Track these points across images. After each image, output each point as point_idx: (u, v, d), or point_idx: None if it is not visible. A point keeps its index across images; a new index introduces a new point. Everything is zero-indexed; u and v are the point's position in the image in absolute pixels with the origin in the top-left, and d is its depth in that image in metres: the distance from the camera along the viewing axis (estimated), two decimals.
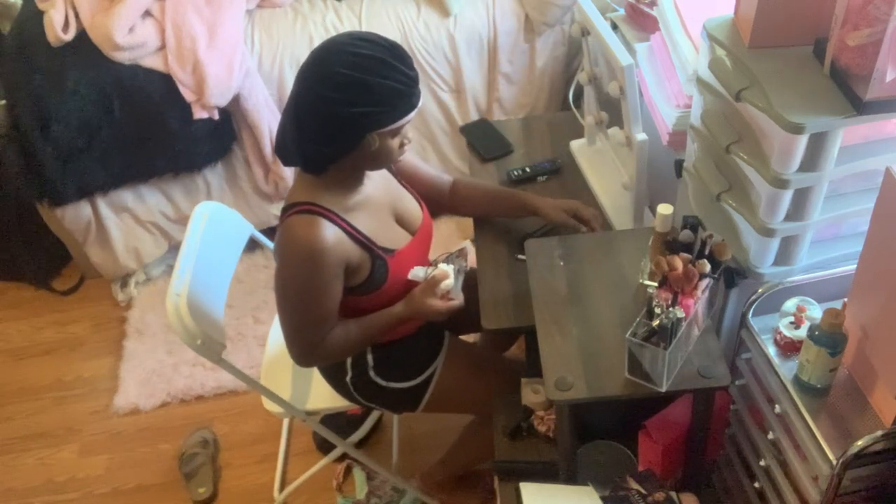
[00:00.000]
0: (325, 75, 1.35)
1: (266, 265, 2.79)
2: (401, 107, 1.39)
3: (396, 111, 1.38)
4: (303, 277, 1.47)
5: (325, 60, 1.37)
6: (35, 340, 2.72)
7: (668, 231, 1.47)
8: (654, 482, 1.47)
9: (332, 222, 1.46)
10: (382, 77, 1.35)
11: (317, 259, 1.44)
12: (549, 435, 1.68)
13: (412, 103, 1.40)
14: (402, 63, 1.37)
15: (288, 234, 1.46)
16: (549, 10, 2.57)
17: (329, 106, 1.36)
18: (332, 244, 1.44)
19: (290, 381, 1.89)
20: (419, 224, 1.66)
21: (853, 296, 1.30)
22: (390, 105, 1.37)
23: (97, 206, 2.60)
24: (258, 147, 2.60)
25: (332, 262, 1.46)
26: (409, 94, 1.39)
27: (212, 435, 2.33)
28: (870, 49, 1.21)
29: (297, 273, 1.47)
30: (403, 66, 1.37)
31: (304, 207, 1.46)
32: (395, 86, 1.36)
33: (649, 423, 1.55)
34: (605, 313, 1.48)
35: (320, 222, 1.44)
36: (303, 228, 1.44)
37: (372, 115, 1.37)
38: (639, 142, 1.70)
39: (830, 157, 1.30)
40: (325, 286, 1.48)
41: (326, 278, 1.47)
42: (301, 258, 1.45)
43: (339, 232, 1.47)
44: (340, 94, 1.34)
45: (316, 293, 1.48)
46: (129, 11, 2.42)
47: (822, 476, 1.24)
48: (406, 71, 1.37)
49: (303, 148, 1.43)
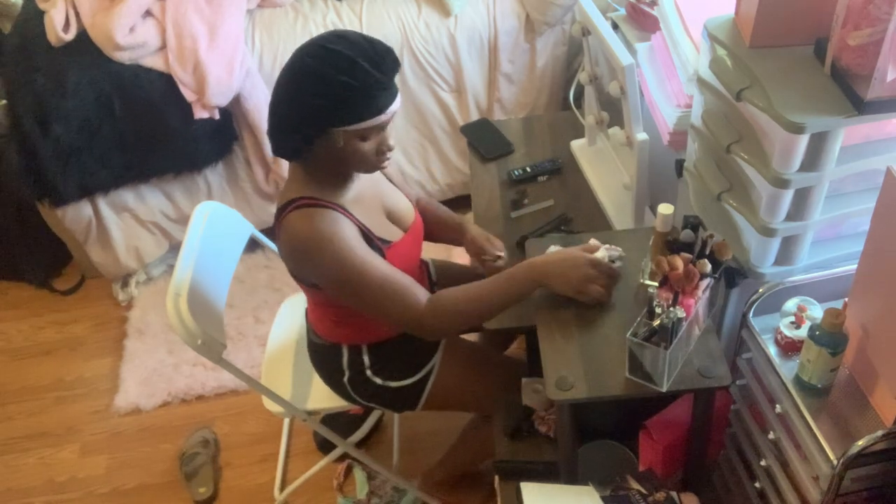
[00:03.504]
0: (293, 64, 1.39)
1: (267, 265, 2.79)
2: (360, 107, 1.36)
3: (355, 111, 1.36)
4: (346, 252, 1.43)
5: (299, 51, 1.40)
6: (36, 340, 2.72)
7: (669, 231, 1.47)
8: (654, 482, 1.47)
9: (335, 210, 1.46)
10: (344, 74, 1.33)
11: (338, 236, 1.43)
12: (550, 435, 1.68)
13: (375, 106, 1.36)
14: (373, 65, 1.34)
15: (294, 229, 1.45)
16: (549, 10, 2.57)
17: (291, 94, 1.39)
18: (340, 224, 1.45)
19: (291, 380, 1.89)
20: (411, 222, 1.66)
21: (854, 295, 1.30)
22: (348, 103, 1.35)
23: (98, 206, 2.60)
24: (259, 147, 2.60)
25: (348, 233, 1.45)
26: (371, 97, 1.35)
27: (212, 435, 2.33)
28: (871, 49, 1.21)
29: (331, 256, 1.43)
30: (373, 69, 1.34)
31: (303, 202, 1.46)
32: (353, 84, 1.34)
33: (650, 423, 1.55)
34: (606, 313, 1.48)
35: (324, 212, 1.45)
36: (309, 219, 1.44)
37: (327, 109, 1.36)
38: (639, 141, 1.70)
39: (831, 156, 1.30)
40: (364, 251, 1.45)
41: (357, 244, 1.45)
42: (317, 245, 1.43)
43: (342, 217, 1.47)
44: (301, 84, 1.37)
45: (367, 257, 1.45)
46: (130, 11, 2.42)
47: (822, 476, 1.24)
48: (373, 73, 1.34)
49: (274, 134, 1.45)
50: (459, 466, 2.06)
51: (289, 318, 2.05)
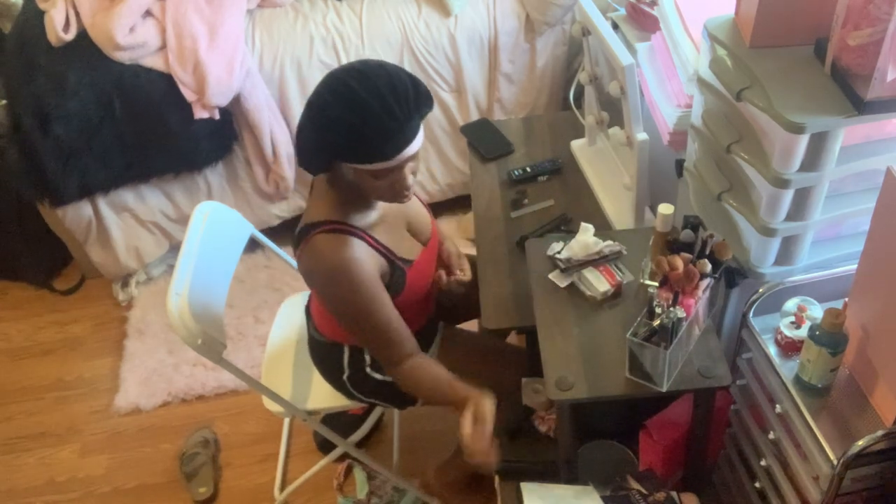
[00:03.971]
0: (316, 92, 1.38)
1: (267, 265, 2.79)
2: (368, 151, 1.35)
3: (363, 153, 1.36)
4: (357, 286, 1.47)
5: (323, 80, 1.39)
6: (36, 340, 2.72)
7: (669, 231, 1.47)
8: (654, 482, 1.47)
9: (359, 238, 1.48)
10: (354, 116, 1.32)
11: (356, 272, 1.45)
12: (550, 435, 1.68)
13: (383, 152, 1.35)
14: (385, 108, 1.31)
15: (319, 254, 1.46)
16: (549, 10, 2.57)
17: (308, 122, 1.39)
18: (365, 257, 1.47)
19: (291, 380, 1.89)
20: (429, 234, 1.68)
21: (854, 295, 1.30)
22: (355, 145, 1.35)
23: (98, 206, 2.60)
24: (259, 147, 2.60)
25: (370, 271, 1.48)
26: (380, 141, 1.34)
27: (212, 435, 2.33)
28: (871, 49, 1.21)
29: (350, 284, 1.46)
30: (383, 112, 1.31)
31: (330, 227, 1.46)
32: (361, 128, 1.32)
33: (650, 423, 1.55)
34: (606, 313, 1.48)
35: (349, 240, 1.46)
36: (333, 247, 1.45)
37: (336, 146, 1.36)
38: (640, 141, 1.70)
39: (831, 156, 1.30)
40: (374, 295, 1.48)
41: (372, 286, 1.48)
42: (342, 275, 1.45)
43: (367, 247, 1.49)
44: (315, 116, 1.37)
45: (370, 305, 1.49)
46: (130, 11, 2.42)
47: (822, 476, 1.24)
48: (383, 117, 1.31)
49: (298, 151, 1.47)
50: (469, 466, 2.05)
51: (289, 318, 2.05)
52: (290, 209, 2.82)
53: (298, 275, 1.58)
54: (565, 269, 1.55)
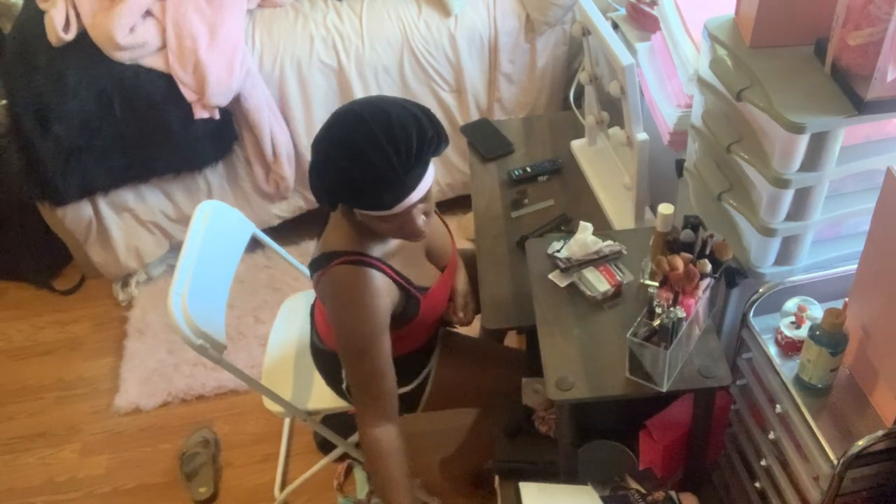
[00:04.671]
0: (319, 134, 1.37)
1: (267, 265, 2.79)
2: (367, 199, 1.34)
3: (363, 201, 1.35)
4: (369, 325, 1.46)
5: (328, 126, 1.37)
6: (36, 340, 2.72)
7: (669, 231, 1.47)
8: (654, 481, 1.47)
9: (380, 270, 1.47)
10: (353, 166, 1.31)
11: (372, 305, 1.45)
12: (550, 434, 1.68)
13: (382, 201, 1.33)
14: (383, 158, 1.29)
15: (340, 285, 1.46)
16: (549, 10, 2.56)
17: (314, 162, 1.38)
18: (383, 293, 1.47)
19: (291, 381, 1.89)
20: (447, 259, 1.68)
21: (854, 295, 1.30)
22: (354, 193, 1.34)
23: (98, 206, 2.60)
24: (259, 147, 2.60)
25: (384, 306, 1.47)
26: (378, 191, 1.32)
27: (213, 435, 2.33)
28: (871, 49, 1.21)
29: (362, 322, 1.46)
30: (380, 162, 1.29)
31: (350, 259, 1.46)
32: (358, 178, 1.31)
33: (650, 423, 1.55)
34: (606, 313, 1.48)
35: (368, 272, 1.46)
36: (355, 279, 1.45)
37: (338, 191, 1.36)
38: (640, 141, 1.70)
39: (831, 156, 1.30)
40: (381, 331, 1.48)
41: (381, 321, 1.47)
42: (362, 308, 1.45)
43: (387, 279, 1.48)
44: (319, 160, 1.36)
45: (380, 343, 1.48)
46: (130, 11, 2.42)
47: (822, 476, 1.24)
48: (379, 167, 1.29)
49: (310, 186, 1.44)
50: (469, 466, 2.05)
51: (289, 318, 2.04)
52: (290, 209, 2.82)
53: (299, 274, 1.58)
54: (565, 269, 1.55)
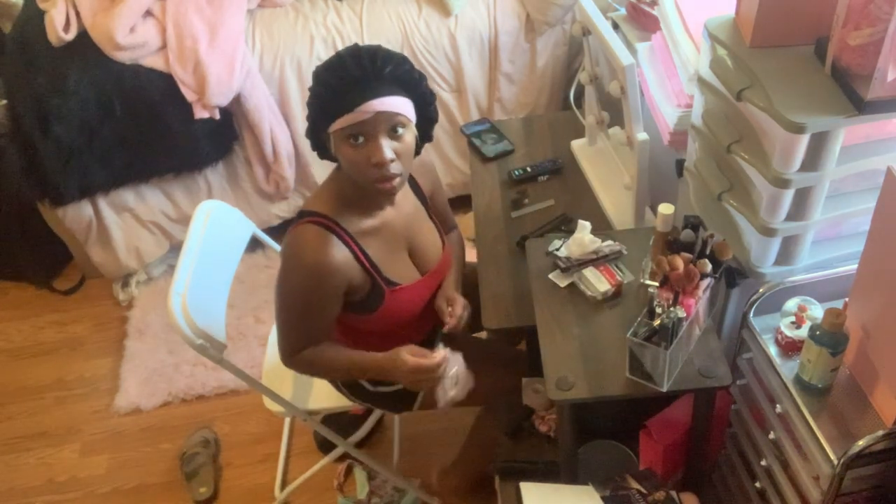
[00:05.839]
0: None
1: (267, 265, 2.79)
2: (337, 102, 1.37)
3: (334, 105, 1.38)
4: (304, 291, 1.48)
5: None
6: (36, 340, 2.72)
7: (670, 231, 1.47)
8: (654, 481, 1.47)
9: (344, 243, 1.47)
10: (328, 71, 1.38)
11: (322, 277, 1.45)
12: (550, 434, 1.68)
13: (349, 101, 1.35)
14: (354, 60, 1.36)
15: (299, 243, 1.46)
16: (550, 10, 2.56)
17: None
18: (339, 265, 1.46)
19: (292, 380, 1.89)
20: (434, 266, 1.64)
21: (854, 295, 1.30)
22: (328, 98, 1.38)
23: (98, 206, 2.60)
24: (259, 147, 2.60)
25: (336, 283, 1.47)
26: (346, 91, 1.36)
27: (213, 434, 2.33)
28: (871, 48, 1.21)
29: (300, 285, 1.48)
30: (352, 63, 1.36)
31: (320, 220, 1.46)
32: (330, 80, 1.37)
33: (650, 423, 1.55)
34: (606, 313, 1.48)
35: (332, 241, 1.45)
36: (314, 242, 1.45)
37: (316, 106, 1.41)
38: (640, 141, 1.70)
39: (831, 156, 1.30)
40: (324, 303, 1.50)
41: (327, 296, 1.49)
42: (306, 272, 1.45)
43: (349, 254, 1.48)
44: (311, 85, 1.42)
45: (314, 308, 1.50)
46: (130, 11, 2.42)
47: (823, 476, 1.24)
48: (349, 68, 1.36)
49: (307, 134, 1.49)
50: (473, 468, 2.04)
51: None
52: (290, 209, 2.82)
53: None
54: (565, 269, 1.55)
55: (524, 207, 1.96)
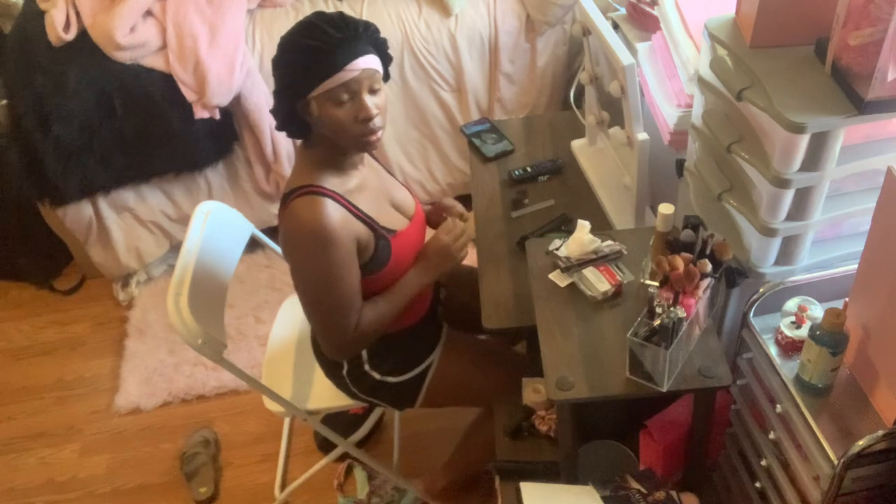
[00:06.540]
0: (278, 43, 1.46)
1: (267, 265, 2.79)
2: (322, 66, 1.39)
3: (318, 70, 1.39)
4: (320, 259, 1.47)
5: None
6: (36, 340, 2.72)
7: (670, 231, 1.47)
8: (654, 481, 1.47)
9: (335, 201, 1.48)
10: (305, 37, 1.40)
11: (329, 237, 1.45)
12: (550, 435, 1.68)
13: (335, 63, 1.39)
14: (331, 25, 1.40)
15: (295, 217, 1.47)
16: (550, 10, 2.56)
17: (274, 65, 1.45)
18: (341, 223, 1.47)
19: (292, 380, 1.89)
20: (413, 212, 1.69)
21: (854, 295, 1.30)
22: (310, 63, 1.40)
23: (98, 206, 2.60)
24: (259, 147, 2.60)
25: (345, 238, 1.47)
26: (329, 53, 1.39)
27: (213, 434, 2.33)
28: (871, 48, 1.21)
29: (313, 255, 1.47)
30: (330, 28, 1.39)
31: (306, 190, 1.47)
32: (311, 44, 1.39)
33: (650, 423, 1.55)
34: (607, 313, 1.48)
35: (324, 202, 1.46)
36: (309, 210, 1.45)
37: (295, 73, 1.42)
38: (640, 141, 1.70)
39: (832, 156, 1.30)
40: (343, 263, 1.49)
41: (343, 255, 1.48)
42: (314, 239, 1.45)
43: (344, 210, 1.49)
44: (278, 54, 1.44)
45: (337, 272, 1.49)
46: (131, 11, 2.42)
47: (823, 476, 1.24)
48: (329, 31, 1.39)
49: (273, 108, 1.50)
50: (466, 468, 2.04)
51: (289, 317, 2.05)
52: None
53: None
54: (566, 269, 1.55)
55: (524, 207, 1.96)
